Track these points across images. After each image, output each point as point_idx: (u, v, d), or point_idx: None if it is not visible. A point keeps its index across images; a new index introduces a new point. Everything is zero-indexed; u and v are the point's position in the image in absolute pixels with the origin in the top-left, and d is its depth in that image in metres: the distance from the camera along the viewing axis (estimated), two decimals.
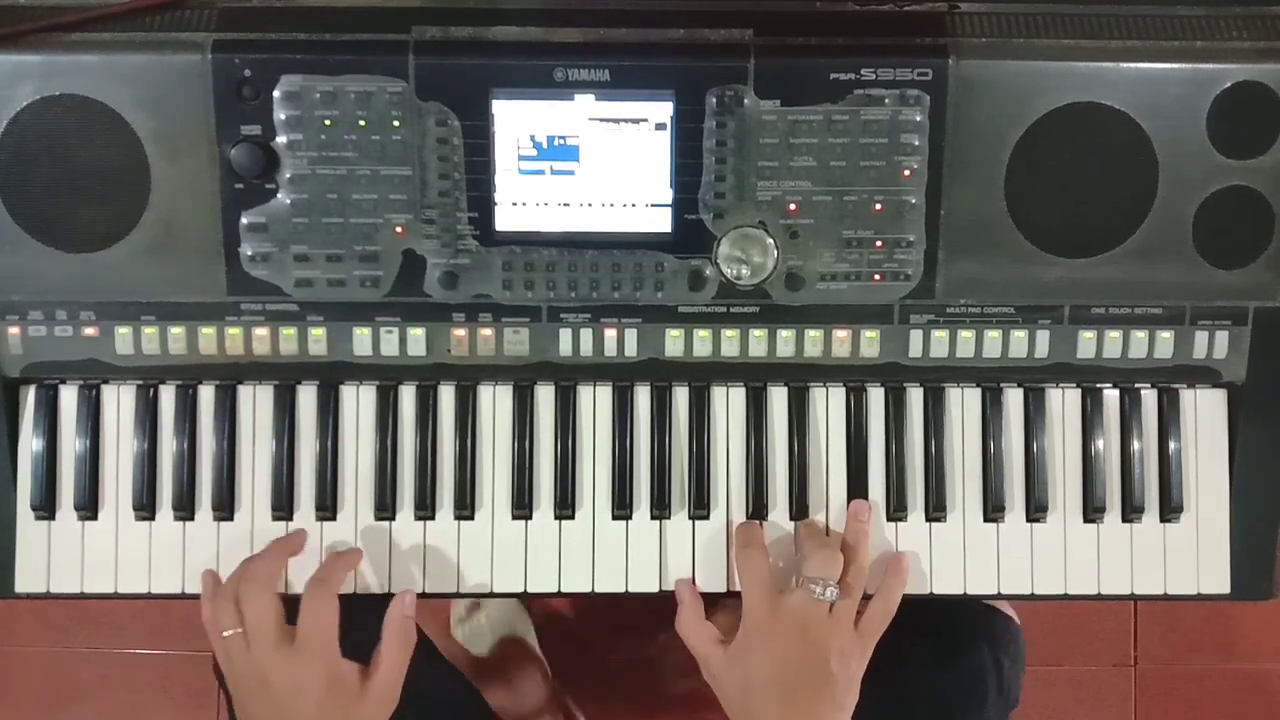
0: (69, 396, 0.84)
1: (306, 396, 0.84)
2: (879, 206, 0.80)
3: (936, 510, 0.85)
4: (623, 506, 0.84)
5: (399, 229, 0.80)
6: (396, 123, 0.78)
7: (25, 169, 0.78)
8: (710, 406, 0.85)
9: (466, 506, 0.84)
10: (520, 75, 0.77)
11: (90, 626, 1.56)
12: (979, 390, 0.85)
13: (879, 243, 0.81)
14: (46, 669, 1.57)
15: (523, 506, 0.84)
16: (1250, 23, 0.80)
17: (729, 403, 0.85)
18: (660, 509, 0.84)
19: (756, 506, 0.84)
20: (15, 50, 0.77)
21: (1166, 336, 0.83)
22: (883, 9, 0.80)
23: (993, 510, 0.85)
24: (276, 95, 0.77)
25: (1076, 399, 0.85)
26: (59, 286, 0.80)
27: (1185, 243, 0.81)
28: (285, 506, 0.84)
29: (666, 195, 0.80)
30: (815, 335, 0.83)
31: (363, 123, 0.78)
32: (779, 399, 0.85)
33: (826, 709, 0.77)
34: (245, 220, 0.79)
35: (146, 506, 0.84)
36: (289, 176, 0.79)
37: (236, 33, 0.78)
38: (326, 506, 0.84)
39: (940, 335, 0.83)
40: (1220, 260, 0.81)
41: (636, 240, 0.81)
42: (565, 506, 0.84)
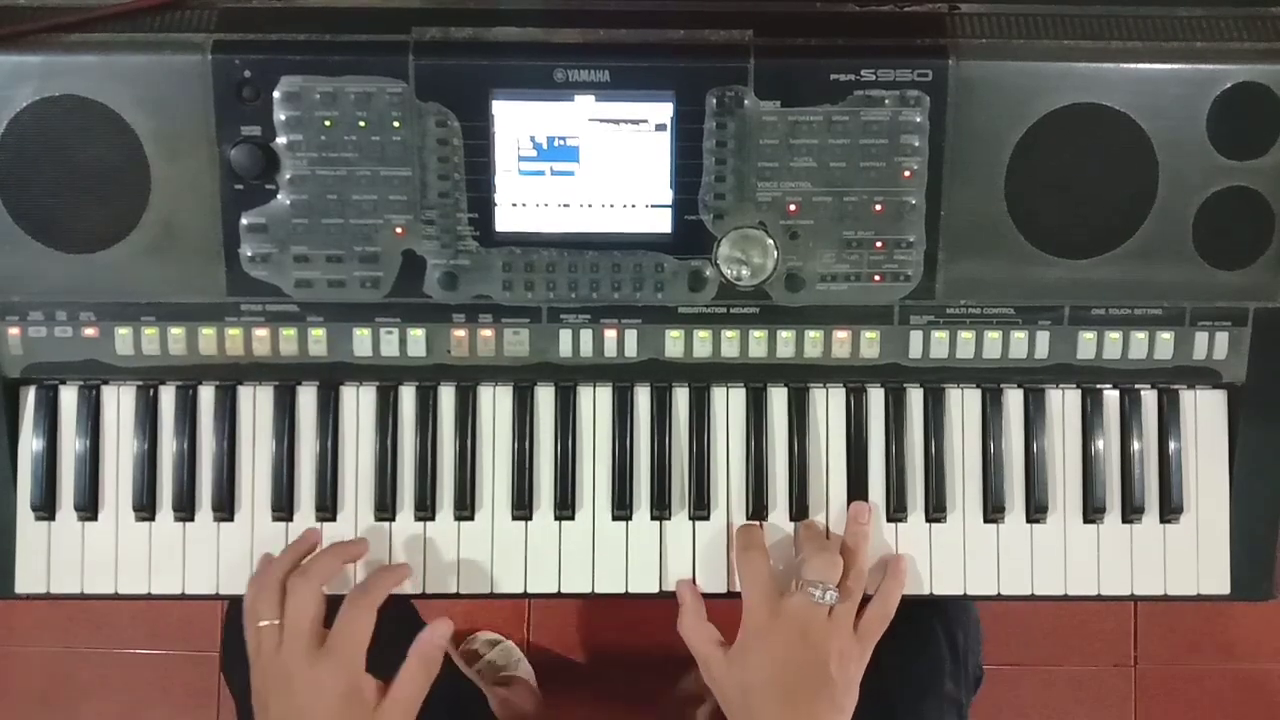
0: (69, 397, 0.84)
1: (306, 397, 0.84)
2: (879, 207, 0.80)
3: (936, 511, 0.85)
4: (623, 507, 0.84)
5: (399, 230, 0.80)
6: (396, 123, 0.78)
7: (25, 169, 0.78)
8: (710, 407, 0.85)
9: (466, 507, 0.84)
10: (520, 76, 0.77)
11: (90, 626, 1.56)
12: (979, 391, 0.85)
13: (879, 243, 0.81)
14: (46, 669, 1.57)
15: (523, 507, 0.84)
16: (1250, 23, 0.80)
17: (729, 403, 0.85)
18: (660, 510, 0.84)
19: (756, 507, 0.84)
20: (15, 50, 0.76)
21: (1166, 337, 0.83)
22: (883, 10, 0.80)
23: (993, 511, 0.85)
24: (276, 96, 0.77)
25: (1076, 400, 0.85)
26: (59, 287, 0.80)
27: (1185, 243, 0.81)
28: (285, 507, 0.84)
29: (666, 196, 0.80)
30: (815, 336, 0.83)
31: (363, 123, 0.78)
32: (779, 400, 0.85)
33: (826, 711, 0.78)
34: (245, 221, 0.79)
35: (146, 507, 0.84)
36: (289, 177, 0.79)
37: (236, 33, 0.78)
38: (326, 507, 0.84)
39: (940, 336, 0.83)
40: (1220, 261, 0.81)
41: (636, 241, 0.81)
42: (565, 507, 0.84)
